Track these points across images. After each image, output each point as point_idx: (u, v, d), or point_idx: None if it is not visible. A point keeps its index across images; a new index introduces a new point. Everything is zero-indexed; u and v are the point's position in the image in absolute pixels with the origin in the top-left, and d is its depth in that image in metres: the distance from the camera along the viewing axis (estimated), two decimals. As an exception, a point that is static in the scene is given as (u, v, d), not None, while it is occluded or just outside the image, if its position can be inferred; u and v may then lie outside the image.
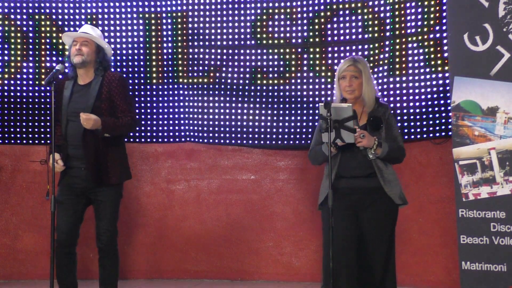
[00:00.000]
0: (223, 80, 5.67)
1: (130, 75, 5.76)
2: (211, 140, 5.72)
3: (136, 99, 5.77)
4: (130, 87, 5.74)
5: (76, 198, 4.14)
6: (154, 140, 5.80)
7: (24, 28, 5.75)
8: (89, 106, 4.09)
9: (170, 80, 5.75)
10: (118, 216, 4.25)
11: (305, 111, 5.51)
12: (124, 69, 5.76)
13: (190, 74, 5.72)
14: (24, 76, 5.77)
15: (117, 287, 4.25)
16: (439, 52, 5.05)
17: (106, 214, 4.16)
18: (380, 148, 3.64)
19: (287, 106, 5.56)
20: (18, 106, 5.76)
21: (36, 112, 5.75)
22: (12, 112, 5.75)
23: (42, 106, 5.74)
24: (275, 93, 5.59)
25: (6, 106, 5.76)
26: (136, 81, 5.77)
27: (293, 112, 5.54)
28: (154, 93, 5.77)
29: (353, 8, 5.42)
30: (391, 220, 3.77)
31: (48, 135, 5.59)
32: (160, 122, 5.77)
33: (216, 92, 5.67)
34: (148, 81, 5.77)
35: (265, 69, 5.60)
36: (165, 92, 5.76)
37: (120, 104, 4.17)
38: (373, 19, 5.34)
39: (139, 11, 5.76)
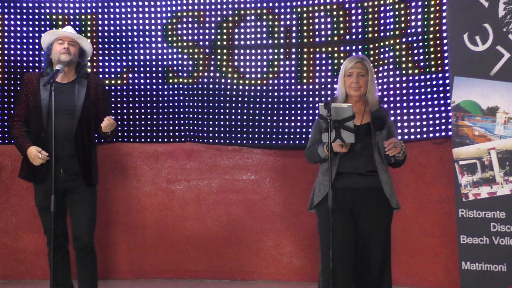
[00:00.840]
0: (223, 80, 5.67)
1: (131, 75, 5.77)
2: (211, 140, 5.72)
3: (136, 99, 5.78)
4: (131, 87, 5.78)
5: (59, 201, 4.06)
6: (154, 140, 5.80)
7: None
8: (80, 105, 4.13)
9: (171, 80, 5.76)
10: (96, 216, 4.25)
11: (305, 111, 5.51)
12: (124, 69, 5.76)
13: (190, 74, 5.72)
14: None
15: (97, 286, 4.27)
16: (439, 52, 5.06)
17: (86, 214, 4.14)
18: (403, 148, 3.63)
19: (287, 106, 5.56)
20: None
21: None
22: (12, 112, 5.74)
23: (42, 106, 5.73)
24: (275, 93, 5.59)
25: (6, 106, 5.75)
26: (136, 81, 5.78)
27: (293, 112, 5.54)
28: (154, 93, 5.77)
29: (347, 9, 5.43)
30: (387, 221, 3.76)
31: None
32: (160, 122, 5.77)
33: (217, 92, 5.67)
34: (148, 81, 5.78)
35: (265, 69, 5.61)
36: (165, 92, 5.76)
37: (104, 109, 4.24)
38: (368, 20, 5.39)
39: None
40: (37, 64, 5.75)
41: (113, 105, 5.69)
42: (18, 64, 5.77)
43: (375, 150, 3.69)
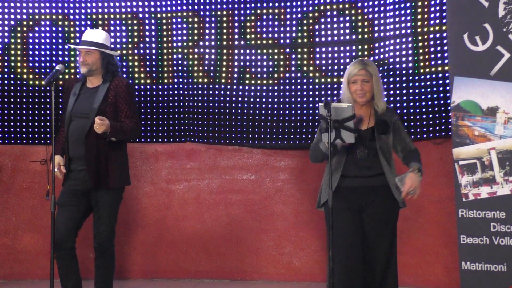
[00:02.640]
0: (222, 80, 5.67)
1: (131, 75, 5.77)
2: (211, 140, 5.72)
3: (136, 99, 5.77)
4: (137, 86, 5.78)
5: (77, 201, 4.14)
6: (154, 140, 5.80)
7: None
8: (95, 109, 4.12)
9: (171, 80, 5.76)
10: (116, 218, 4.26)
11: (305, 111, 5.51)
12: (125, 69, 5.76)
13: (190, 74, 5.72)
14: (24, 76, 5.77)
15: (112, 287, 4.27)
16: (439, 52, 5.06)
17: (104, 215, 4.17)
18: (420, 172, 3.67)
19: (287, 106, 5.56)
20: (18, 106, 5.76)
21: (36, 112, 5.75)
22: (12, 112, 5.75)
23: (42, 106, 5.74)
24: (275, 93, 5.59)
25: (6, 106, 5.76)
26: (136, 81, 5.77)
27: (293, 112, 5.54)
28: (154, 93, 5.77)
29: (347, 9, 5.43)
30: (394, 219, 3.77)
31: (49, 135, 5.59)
32: (160, 122, 5.77)
33: (216, 92, 5.67)
34: (148, 81, 5.78)
35: (265, 69, 5.61)
36: (165, 92, 5.76)
37: (125, 109, 4.20)
38: (363, 20, 5.37)
39: (151, 10, 5.76)
40: (37, 64, 5.76)
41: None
42: (18, 64, 5.77)
43: (380, 154, 3.69)
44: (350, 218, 3.68)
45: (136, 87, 5.77)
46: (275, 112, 5.58)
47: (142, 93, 5.77)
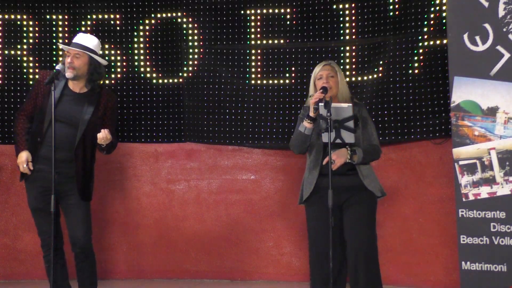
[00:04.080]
0: (222, 80, 5.67)
1: (131, 75, 5.77)
2: (211, 140, 5.72)
3: (136, 99, 5.78)
4: (131, 87, 5.78)
5: (50, 202, 4.00)
6: (154, 140, 5.80)
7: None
8: (86, 120, 4.06)
9: (171, 80, 5.76)
10: (91, 218, 4.22)
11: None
12: (124, 69, 5.76)
13: (190, 74, 5.72)
14: (24, 76, 5.77)
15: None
16: (439, 52, 5.06)
17: (82, 217, 4.11)
18: (355, 155, 3.76)
19: (287, 106, 5.56)
20: (18, 106, 5.75)
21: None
22: (12, 112, 5.75)
23: (42, 106, 5.73)
24: (275, 93, 5.59)
25: (6, 106, 5.75)
26: (136, 81, 5.78)
27: (293, 112, 5.54)
28: (154, 93, 5.77)
29: (347, 9, 5.44)
30: (372, 213, 3.86)
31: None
32: (160, 122, 5.77)
33: (216, 92, 5.67)
34: (148, 81, 5.78)
35: (265, 69, 5.61)
36: (165, 92, 5.76)
37: (110, 125, 4.15)
38: (363, 20, 5.38)
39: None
40: (37, 64, 5.76)
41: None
42: (18, 64, 5.77)
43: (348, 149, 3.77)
44: (325, 216, 3.72)
45: (136, 87, 5.77)
46: (275, 112, 5.58)
47: (142, 93, 5.77)
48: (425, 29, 5.12)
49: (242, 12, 5.66)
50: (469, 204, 4.44)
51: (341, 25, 5.46)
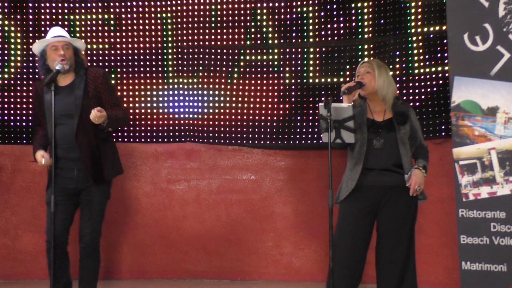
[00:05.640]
0: (223, 80, 5.67)
1: (130, 75, 5.77)
2: (211, 140, 5.72)
3: (137, 99, 5.78)
4: (131, 87, 5.77)
5: (68, 200, 4.13)
6: (154, 140, 5.80)
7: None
8: (78, 105, 4.05)
9: (171, 80, 5.76)
10: (103, 218, 4.24)
11: (305, 111, 5.51)
12: (124, 69, 5.76)
13: (190, 74, 5.72)
14: (24, 76, 5.77)
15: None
16: (439, 52, 5.06)
17: (93, 214, 4.15)
18: (425, 169, 3.85)
19: (287, 106, 5.56)
20: (18, 106, 5.76)
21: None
22: (12, 112, 5.75)
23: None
24: (275, 93, 5.59)
25: (6, 106, 5.76)
26: (136, 81, 5.78)
27: (293, 112, 5.54)
28: (154, 93, 5.77)
29: (347, 9, 5.44)
30: (412, 217, 3.83)
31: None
32: (160, 122, 5.77)
33: (216, 92, 5.67)
34: (148, 81, 5.78)
35: (265, 69, 5.61)
36: (165, 92, 5.76)
37: (109, 99, 4.15)
38: (363, 20, 5.38)
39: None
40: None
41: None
42: (18, 64, 5.77)
43: (400, 144, 3.76)
44: (361, 220, 3.73)
45: (136, 87, 5.77)
46: (275, 112, 5.58)
47: (142, 93, 5.77)
48: (425, 29, 5.11)
49: (242, 12, 5.66)
50: (469, 204, 4.44)
51: (341, 25, 5.45)
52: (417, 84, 5.15)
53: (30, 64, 5.76)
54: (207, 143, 5.75)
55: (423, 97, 5.13)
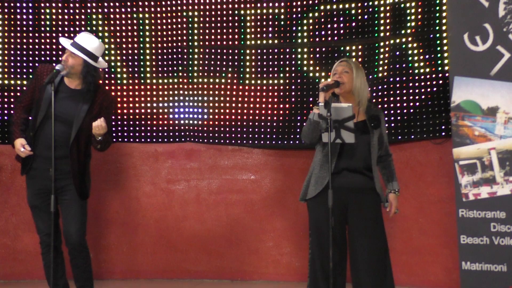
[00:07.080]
0: (223, 80, 5.67)
1: (130, 75, 5.77)
2: (211, 140, 5.72)
3: (136, 98, 5.78)
4: (130, 86, 5.77)
5: (49, 199, 4.02)
6: (154, 140, 5.80)
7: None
8: (81, 117, 4.07)
9: (170, 80, 5.76)
10: (87, 215, 4.23)
11: (305, 111, 5.51)
12: (124, 69, 5.76)
13: (190, 74, 5.72)
14: (24, 76, 5.77)
15: (93, 284, 4.29)
16: (439, 52, 5.06)
17: (76, 213, 4.13)
18: (398, 189, 3.93)
19: (287, 106, 5.56)
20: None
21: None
22: (12, 112, 5.74)
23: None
24: (275, 93, 5.59)
25: (6, 106, 5.75)
26: (136, 80, 5.78)
27: (293, 112, 5.54)
28: (154, 92, 5.77)
29: (346, 9, 5.44)
30: (379, 214, 3.82)
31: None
32: (160, 122, 5.77)
33: (216, 92, 5.67)
34: (148, 80, 5.78)
35: (265, 69, 5.61)
36: (165, 92, 5.76)
37: (105, 119, 4.12)
38: (363, 20, 5.38)
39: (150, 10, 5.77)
40: (37, 64, 5.76)
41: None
42: (18, 64, 5.78)
43: (372, 148, 3.76)
44: (335, 216, 3.71)
45: (136, 86, 5.77)
46: (275, 112, 5.58)
47: (142, 92, 5.77)
48: (425, 29, 5.11)
49: (242, 12, 5.66)
50: (469, 204, 4.45)
51: (341, 25, 5.45)
52: (417, 84, 5.15)
53: (30, 64, 5.76)
54: (207, 143, 5.75)
55: (423, 97, 5.13)
